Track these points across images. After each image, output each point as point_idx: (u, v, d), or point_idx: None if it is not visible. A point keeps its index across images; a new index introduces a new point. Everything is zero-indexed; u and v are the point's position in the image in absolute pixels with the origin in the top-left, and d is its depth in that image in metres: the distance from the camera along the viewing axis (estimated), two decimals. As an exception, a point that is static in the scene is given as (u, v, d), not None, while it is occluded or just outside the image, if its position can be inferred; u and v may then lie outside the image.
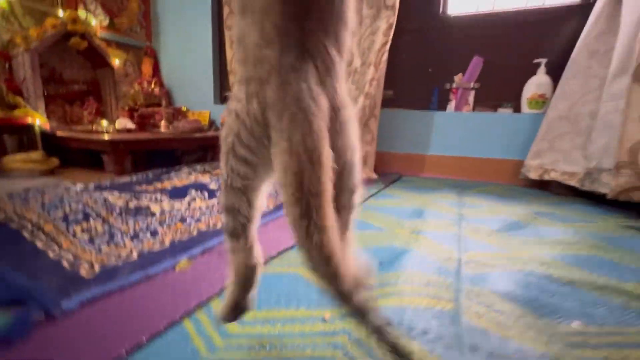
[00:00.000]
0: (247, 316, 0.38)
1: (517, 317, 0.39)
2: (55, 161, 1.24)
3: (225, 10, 1.62)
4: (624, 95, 0.84)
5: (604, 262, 0.56)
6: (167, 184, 0.91)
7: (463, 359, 0.32)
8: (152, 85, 1.82)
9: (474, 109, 1.38)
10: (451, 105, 1.41)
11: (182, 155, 1.62)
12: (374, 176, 1.30)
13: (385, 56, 1.23)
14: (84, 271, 0.45)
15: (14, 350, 0.31)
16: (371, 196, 1.00)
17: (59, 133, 1.28)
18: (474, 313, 0.40)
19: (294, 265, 0.51)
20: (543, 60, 1.23)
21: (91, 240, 0.54)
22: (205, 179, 1.00)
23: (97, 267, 0.46)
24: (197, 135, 1.50)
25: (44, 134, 1.27)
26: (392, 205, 0.89)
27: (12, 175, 1.13)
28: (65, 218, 0.59)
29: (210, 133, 1.64)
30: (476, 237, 0.66)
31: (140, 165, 1.40)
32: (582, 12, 1.16)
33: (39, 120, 1.26)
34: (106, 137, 1.20)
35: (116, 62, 1.57)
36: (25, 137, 1.26)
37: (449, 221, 0.76)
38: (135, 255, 0.50)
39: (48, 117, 1.38)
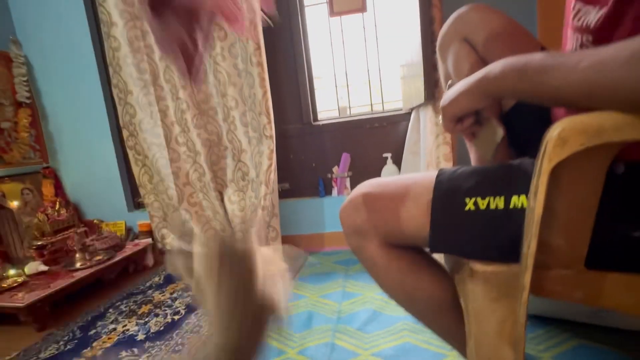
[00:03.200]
0: None
1: None
2: (-37, 332, 1.23)
3: (125, 132, 1.76)
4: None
5: (412, 350, 0.91)
6: (97, 348, 1.04)
7: None
8: (57, 207, 1.83)
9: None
10: (335, 191, 1.78)
11: (103, 275, 1.68)
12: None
13: (273, 175, 1.53)
14: None
15: None
16: (278, 301, 1.27)
17: (-37, 302, 1.27)
18: None
19: None
20: (389, 154, 1.66)
21: None
22: (132, 326, 1.15)
23: None
24: (117, 258, 1.60)
25: (-56, 306, 1.25)
26: (292, 313, 1.17)
27: None
28: None
29: (129, 247, 1.74)
30: (343, 344, 0.97)
31: (60, 303, 1.44)
32: (409, 117, 1.61)
33: (-63, 296, 1.24)
34: (21, 298, 1.24)
35: (14, 203, 1.58)
36: None
37: (329, 326, 1.06)
38: None
39: (-56, 282, 1.34)
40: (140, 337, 1.08)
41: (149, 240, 1.82)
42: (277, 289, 0.48)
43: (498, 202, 0.42)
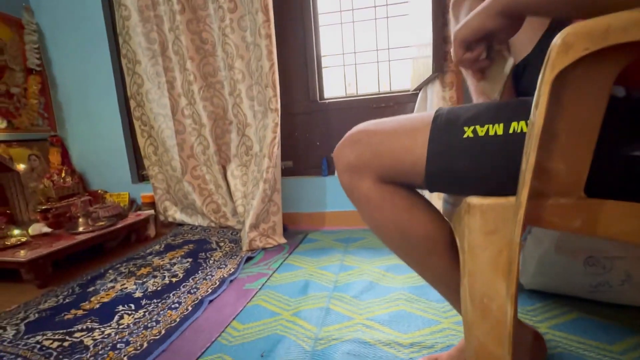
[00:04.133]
0: None
1: (333, 383, 0.69)
2: (-33, 285, 1.26)
3: (132, 103, 1.77)
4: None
5: (404, 316, 0.90)
6: (95, 302, 1.06)
7: None
8: (63, 175, 1.86)
9: (354, 172, 1.75)
10: (338, 171, 1.77)
11: (105, 242, 1.71)
12: (283, 241, 1.58)
13: (277, 148, 1.52)
14: None
15: None
16: (275, 271, 1.27)
17: (-32, 256, 1.30)
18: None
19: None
20: (394, 135, 1.65)
21: (38, 392, 0.70)
22: (130, 285, 1.16)
23: (50, 419, 0.64)
24: (119, 225, 1.62)
25: (-51, 259, 1.28)
26: (288, 281, 1.17)
27: None
28: (9, 375, 0.74)
29: (132, 217, 1.76)
30: (338, 309, 0.97)
31: (62, 265, 1.47)
32: (416, 98, 1.60)
33: (-57, 248, 1.27)
34: (24, 255, 1.26)
35: (21, 166, 1.60)
36: None
37: (325, 293, 1.06)
38: (78, 398, 0.69)
39: (-50, 237, 1.37)
40: (138, 294, 1.09)
41: (152, 211, 1.84)
42: None
43: (497, 129, 0.41)
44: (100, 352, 0.82)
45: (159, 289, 1.13)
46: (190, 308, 1.02)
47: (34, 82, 1.83)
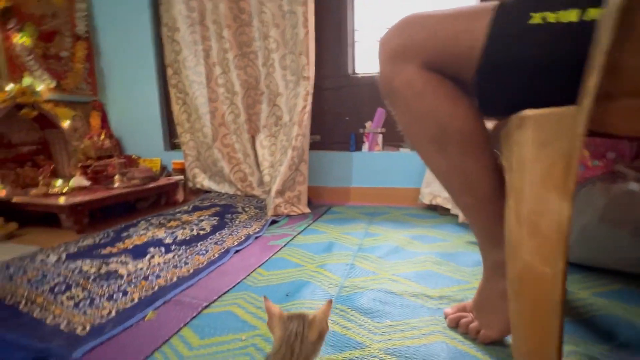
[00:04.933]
0: (195, 342, 0.62)
1: (358, 322, 0.68)
2: (13, 225, 1.35)
3: (169, 71, 1.83)
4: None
5: (432, 275, 0.88)
6: (128, 243, 1.11)
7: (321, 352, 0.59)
8: (102, 138, 1.95)
9: (382, 149, 1.73)
10: (365, 147, 1.75)
11: (137, 201, 1.78)
12: (307, 211, 1.58)
13: (307, 116, 1.53)
14: (79, 331, 0.66)
15: (49, 387, 0.53)
16: (300, 233, 1.28)
17: (15, 199, 1.39)
18: (333, 322, 0.68)
19: (228, 305, 0.76)
20: (426, 112, 1.61)
21: (76, 305, 0.74)
22: (160, 233, 1.21)
23: (87, 327, 0.67)
24: (151, 185, 1.68)
25: (-1, 201, 1.38)
26: (312, 242, 1.17)
27: (-27, 245, 1.23)
28: (52, 290, 0.78)
29: (162, 180, 1.82)
30: (362, 265, 0.96)
31: (98, 218, 1.55)
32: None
33: (-5, 189, 1.37)
34: (64, 200, 1.34)
35: (66, 123, 1.69)
36: (-20, 205, 1.36)
37: (349, 252, 1.05)
38: (113, 313, 0.72)
39: (0, 181, 1.48)
40: (168, 241, 1.13)
41: (181, 177, 1.89)
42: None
43: (570, 15, 0.38)
44: (133, 281, 0.86)
45: (187, 238, 1.17)
46: (217, 255, 1.04)
47: (81, 48, 1.93)
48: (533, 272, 0.45)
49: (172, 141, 2.09)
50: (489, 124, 0.59)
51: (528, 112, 0.44)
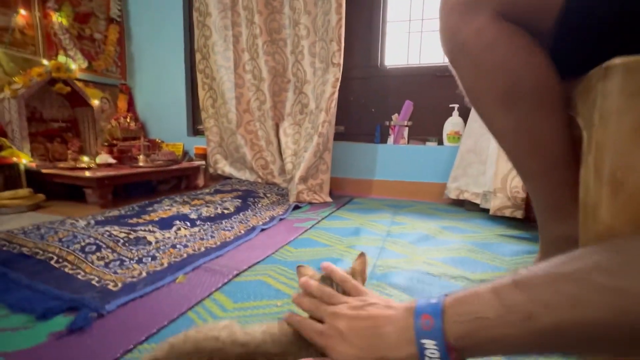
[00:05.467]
0: (228, 305, 0.60)
1: (397, 297, 0.65)
2: (41, 197, 1.37)
3: (197, 56, 1.84)
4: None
5: (470, 261, 0.84)
6: (154, 216, 1.10)
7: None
8: (128, 120, 1.98)
9: (408, 142, 1.70)
10: (390, 139, 1.72)
11: (158, 184, 1.79)
12: (329, 200, 1.56)
13: (334, 103, 1.51)
14: (111, 287, 0.64)
15: (84, 335, 0.51)
16: (324, 218, 1.25)
17: (44, 171, 1.41)
18: (371, 296, 0.64)
19: (259, 275, 0.74)
20: (456, 105, 1.57)
21: (107, 265, 0.73)
22: (185, 209, 1.20)
23: (119, 284, 0.65)
24: (173, 167, 1.68)
25: (29, 171, 1.40)
26: (338, 226, 1.14)
27: (1, 212, 1.24)
28: (82, 249, 0.78)
29: (184, 164, 1.83)
30: (393, 248, 0.92)
31: (120, 195, 1.56)
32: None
33: (25, 160, 1.39)
34: (91, 174, 1.35)
35: (95, 102, 1.72)
36: (10, 175, 1.38)
37: (378, 237, 1.02)
38: (144, 274, 0.70)
39: (31, 154, 1.50)
40: (193, 216, 1.12)
41: (203, 162, 1.90)
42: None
43: None
44: (161, 247, 0.84)
45: (212, 215, 1.15)
46: (243, 232, 1.02)
47: (114, 31, 1.97)
48: (614, 236, 0.41)
49: (195, 127, 2.10)
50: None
51: (615, 60, 0.41)
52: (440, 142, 1.64)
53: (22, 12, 1.57)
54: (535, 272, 0.30)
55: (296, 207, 1.41)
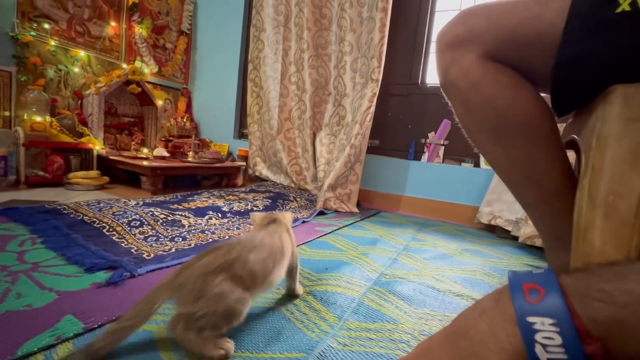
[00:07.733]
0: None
1: (394, 303, 0.67)
2: (105, 179, 1.59)
3: (250, 66, 2.02)
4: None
5: (482, 284, 0.82)
6: (192, 205, 1.23)
7: (352, 317, 0.60)
8: (184, 120, 2.21)
9: (443, 161, 1.68)
10: (425, 157, 1.71)
11: (202, 179, 1.96)
12: (356, 210, 1.59)
13: (369, 117, 1.56)
14: (145, 256, 0.75)
15: (118, 288, 0.61)
16: (346, 226, 1.29)
17: (112, 157, 1.64)
18: (368, 299, 0.67)
19: (271, 266, 0.80)
20: (496, 128, 1.53)
21: (145, 239, 0.85)
22: (220, 202, 1.31)
23: (152, 255, 0.76)
24: (217, 165, 1.85)
25: (99, 156, 1.64)
26: (357, 235, 1.17)
27: (74, 188, 1.47)
28: (129, 223, 0.91)
29: (227, 163, 1.99)
30: (405, 261, 0.93)
31: (169, 185, 1.74)
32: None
33: (98, 146, 1.63)
34: (147, 163, 1.54)
35: (160, 102, 1.96)
36: (85, 158, 1.63)
37: (393, 249, 1.03)
38: (173, 250, 0.81)
39: (103, 143, 1.76)
40: (225, 209, 1.23)
41: (243, 163, 2.05)
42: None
43: None
44: (192, 231, 0.95)
45: (242, 210, 1.26)
46: (266, 228, 1.10)
47: (183, 42, 2.24)
48: (605, 259, 0.41)
49: (241, 131, 2.27)
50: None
51: (615, 86, 0.42)
52: (477, 165, 1.60)
53: (113, 24, 1.86)
54: None
55: (321, 213, 1.46)
